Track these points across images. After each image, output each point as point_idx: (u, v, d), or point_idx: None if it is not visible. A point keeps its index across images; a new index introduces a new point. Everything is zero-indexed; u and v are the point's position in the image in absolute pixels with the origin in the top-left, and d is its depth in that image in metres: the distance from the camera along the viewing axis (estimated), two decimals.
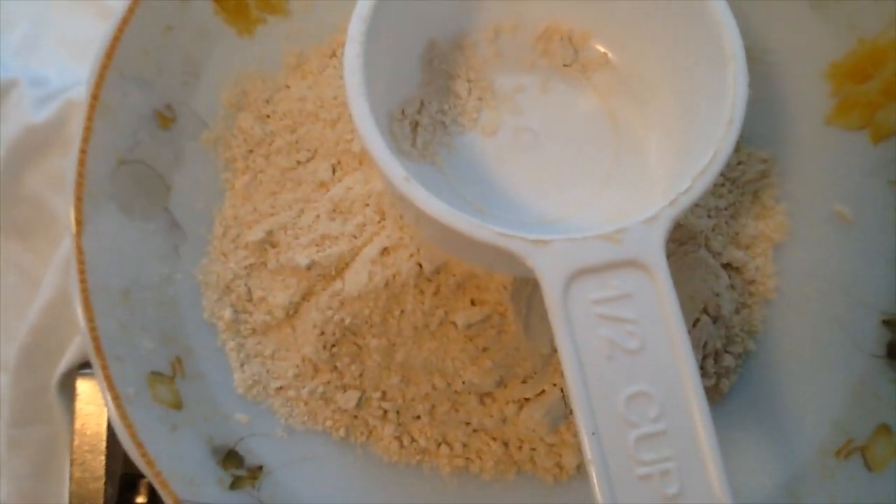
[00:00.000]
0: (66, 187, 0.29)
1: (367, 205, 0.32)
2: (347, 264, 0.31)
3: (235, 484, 0.30)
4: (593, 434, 0.22)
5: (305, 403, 0.32)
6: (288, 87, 0.34)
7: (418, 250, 0.30)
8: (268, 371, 0.32)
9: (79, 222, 0.29)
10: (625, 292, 0.23)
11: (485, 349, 0.30)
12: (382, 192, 0.31)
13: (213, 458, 0.30)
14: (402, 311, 0.30)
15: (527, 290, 0.30)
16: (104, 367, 0.28)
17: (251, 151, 0.34)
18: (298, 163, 0.33)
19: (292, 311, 0.32)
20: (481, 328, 0.30)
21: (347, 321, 0.31)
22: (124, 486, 0.32)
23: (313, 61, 0.34)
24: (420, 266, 0.30)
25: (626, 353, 0.23)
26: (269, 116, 0.34)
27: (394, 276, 0.30)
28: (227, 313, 0.32)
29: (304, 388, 0.32)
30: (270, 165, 0.34)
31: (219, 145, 0.33)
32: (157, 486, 0.28)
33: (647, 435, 0.22)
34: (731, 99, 0.25)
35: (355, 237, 0.31)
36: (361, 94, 0.25)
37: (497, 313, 0.30)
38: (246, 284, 0.33)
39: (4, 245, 0.37)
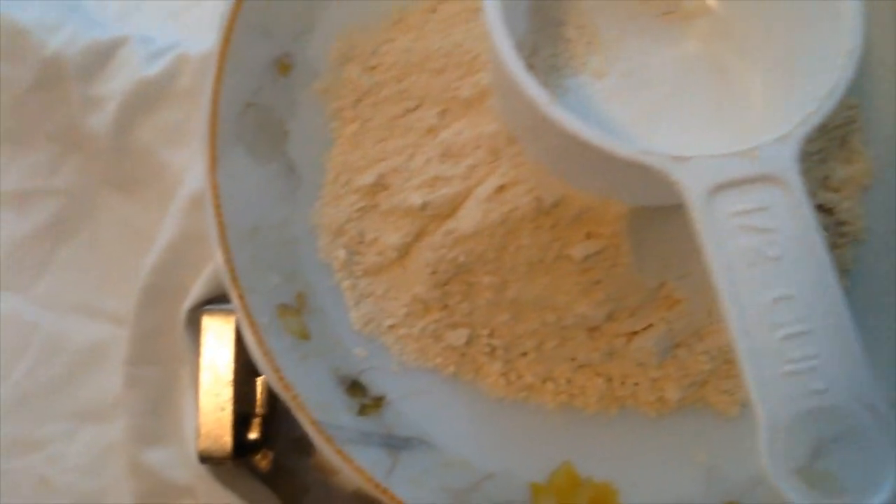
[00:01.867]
0: (200, 127, 0.30)
1: (479, 147, 0.33)
2: (460, 204, 0.33)
3: (363, 411, 0.31)
4: (745, 333, 0.23)
5: (416, 341, 0.33)
6: (392, 40, 0.36)
7: (536, 185, 0.31)
8: (380, 310, 0.34)
9: (213, 159, 0.30)
10: (763, 205, 0.25)
11: (597, 282, 0.32)
12: (496, 133, 0.33)
13: (341, 386, 0.31)
14: (518, 247, 0.32)
15: (641, 221, 0.31)
16: (241, 297, 0.29)
17: (359, 101, 0.35)
18: (406, 111, 0.35)
19: (404, 252, 0.34)
20: (596, 261, 0.31)
21: (461, 259, 0.32)
22: (237, 422, 0.33)
23: (415, 16, 0.36)
24: (538, 201, 0.31)
25: (767, 261, 0.24)
26: (374, 68, 0.35)
27: (511, 212, 0.31)
28: (341, 254, 0.33)
29: (414, 326, 0.33)
30: (378, 114, 0.35)
31: (328, 95, 0.35)
32: (295, 410, 0.29)
33: (793, 335, 0.23)
34: (849, 29, 0.27)
35: (467, 178, 0.33)
36: (502, 25, 0.26)
37: (612, 245, 0.31)
38: (358, 227, 0.34)
39: (109, 198, 0.39)
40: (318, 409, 0.29)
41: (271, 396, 0.34)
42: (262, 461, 0.34)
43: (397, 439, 0.31)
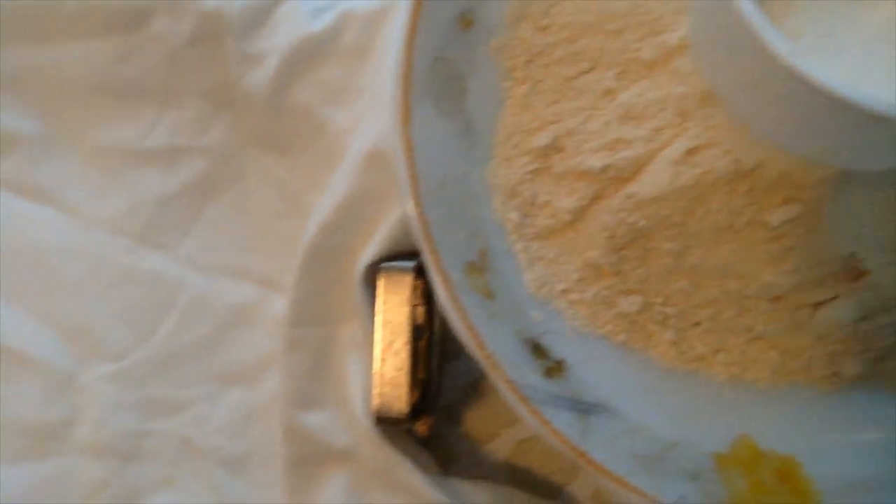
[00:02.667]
0: (391, 79, 0.29)
1: (663, 109, 0.32)
2: (642, 167, 0.32)
3: (549, 373, 0.30)
4: None
5: (587, 307, 0.33)
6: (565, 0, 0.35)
7: (733, 147, 0.30)
8: (552, 273, 0.33)
9: (405, 112, 0.29)
10: None
11: (789, 249, 0.31)
12: (684, 95, 0.32)
13: (525, 347, 0.30)
14: (707, 211, 0.31)
15: (842, 187, 0.30)
16: (433, 252, 0.29)
17: (530, 61, 0.34)
18: (580, 72, 0.34)
19: (578, 216, 0.33)
20: (790, 227, 0.31)
21: (641, 224, 0.31)
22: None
23: None
24: (736, 163, 0.30)
25: None
26: (546, 28, 0.34)
27: (703, 175, 0.30)
28: (514, 216, 0.33)
29: (586, 291, 0.33)
30: (550, 75, 0.34)
31: (502, 54, 0.34)
32: (487, 368, 0.28)
33: None
34: None
35: (651, 141, 0.32)
36: None
37: (810, 211, 0.30)
38: (530, 189, 0.33)
39: (259, 158, 0.38)
40: (511, 369, 0.28)
41: (429, 361, 0.33)
42: (422, 427, 0.33)
43: (584, 404, 0.30)
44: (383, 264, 0.31)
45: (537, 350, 0.31)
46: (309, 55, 0.36)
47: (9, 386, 0.37)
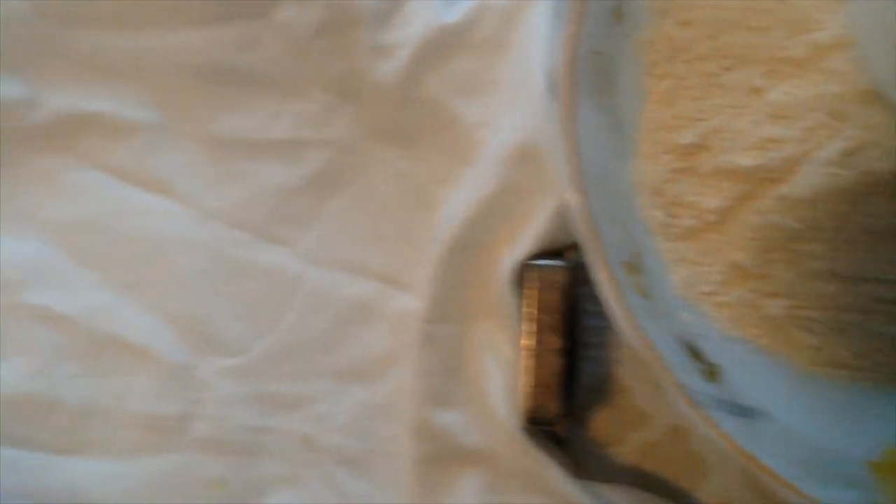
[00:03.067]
0: (550, 72, 0.28)
1: (816, 109, 0.31)
2: (793, 168, 0.31)
3: (708, 376, 0.30)
4: None
5: (731, 309, 0.32)
6: None
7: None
8: (695, 275, 0.32)
9: (570, 106, 0.29)
10: None
11: None
12: (840, 94, 0.31)
13: (682, 349, 0.30)
14: (864, 214, 0.30)
15: None
16: (599, 250, 0.28)
17: (673, 57, 0.34)
18: (723, 69, 0.33)
19: (723, 216, 0.32)
20: None
21: (791, 226, 0.31)
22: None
23: None
24: None
25: None
26: (688, 23, 0.34)
27: (863, 177, 0.30)
28: (659, 215, 0.32)
29: (730, 294, 0.32)
30: (692, 72, 0.33)
31: (646, 48, 0.33)
32: (657, 369, 0.28)
33: None
34: None
35: (804, 141, 0.31)
36: None
37: None
38: (674, 188, 0.33)
39: (384, 151, 0.37)
40: (677, 372, 0.28)
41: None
42: (560, 428, 0.33)
43: (742, 408, 0.29)
44: (533, 262, 0.31)
45: (693, 352, 0.30)
46: (442, 47, 0.35)
47: (125, 379, 0.37)
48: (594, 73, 0.31)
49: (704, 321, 0.32)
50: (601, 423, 0.36)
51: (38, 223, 0.38)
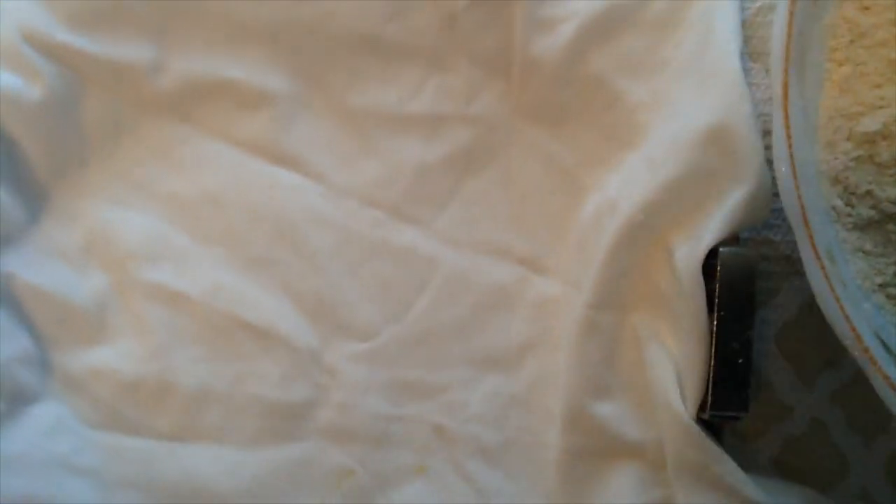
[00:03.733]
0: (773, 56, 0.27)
1: None
2: None
3: None
4: None
5: None
6: None
7: None
8: (870, 266, 0.31)
9: (786, 86, 0.28)
10: None
11: None
12: None
13: (877, 341, 0.29)
14: None
15: None
16: (811, 238, 0.27)
17: (853, 42, 0.32)
18: None
19: None
20: None
21: None
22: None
23: None
24: None
25: None
26: (870, 8, 0.33)
27: None
28: (838, 204, 0.31)
29: None
30: (873, 58, 0.32)
31: (828, 32, 0.32)
32: (865, 363, 0.27)
33: None
34: None
35: None
36: None
37: None
38: (852, 177, 0.32)
39: (531, 130, 0.36)
40: (887, 364, 0.27)
41: None
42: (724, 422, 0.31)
43: None
44: (723, 249, 0.30)
45: (884, 344, 0.29)
46: (610, 23, 0.33)
47: (248, 363, 0.35)
48: (796, 54, 0.29)
49: (880, 313, 0.31)
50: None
51: (157, 196, 0.36)
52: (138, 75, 0.35)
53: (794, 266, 0.34)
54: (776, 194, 0.30)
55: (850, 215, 0.32)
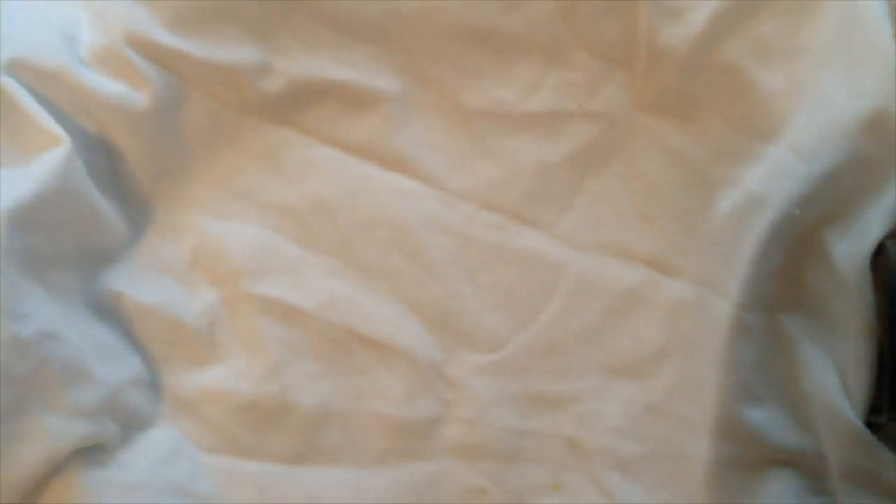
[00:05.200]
0: None
1: None
2: None
3: None
4: None
5: None
6: None
7: None
8: None
9: None
10: None
11: None
12: None
13: None
14: None
15: None
16: None
17: None
18: None
19: None
20: None
21: None
22: None
23: None
24: None
25: None
26: None
27: None
28: None
29: None
30: None
31: None
32: None
33: None
34: None
35: None
36: None
37: None
38: None
39: (656, 124, 0.34)
40: None
41: None
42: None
43: None
44: (890, 241, 0.28)
45: None
46: (743, 8, 0.32)
47: (369, 378, 0.33)
48: None
49: None
50: None
51: (263, 205, 0.34)
52: (243, 79, 0.33)
53: None
54: None
55: None
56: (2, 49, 0.31)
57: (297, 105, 0.34)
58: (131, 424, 0.31)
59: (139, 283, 0.32)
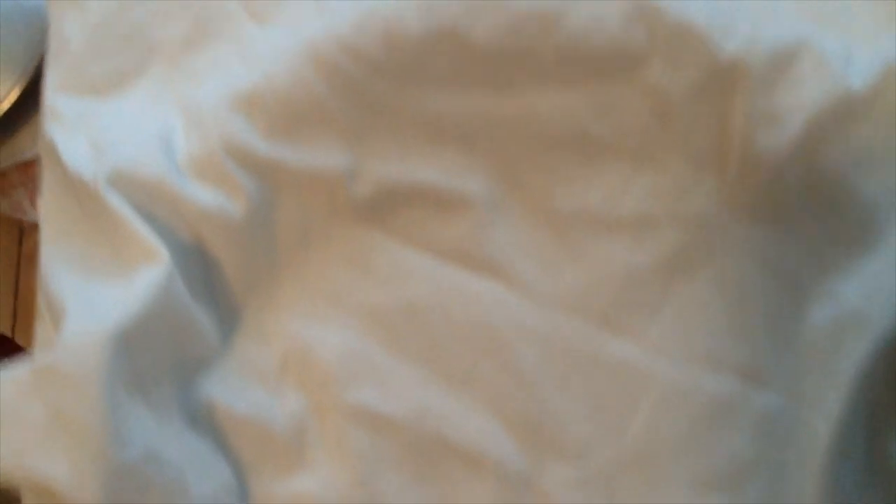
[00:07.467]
0: None
1: None
2: None
3: None
4: None
5: None
6: None
7: None
8: None
9: None
10: None
11: None
12: None
13: None
14: None
15: None
16: None
17: None
18: None
19: None
20: None
21: None
22: None
23: None
24: None
25: None
26: None
27: None
28: None
29: None
30: None
31: None
32: None
33: None
34: None
35: None
36: None
37: None
38: None
39: (747, 229, 0.34)
40: None
41: None
42: None
43: None
44: None
45: None
46: (844, 115, 0.31)
47: (457, 489, 0.33)
48: None
49: None
50: None
51: (351, 309, 0.34)
52: (334, 184, 0.33)
53: None
54: None
55: None
56: (104, 158, 0.31)
57: (387, 208, 0.34)
58: None
59: (230, 390, 0.33)
